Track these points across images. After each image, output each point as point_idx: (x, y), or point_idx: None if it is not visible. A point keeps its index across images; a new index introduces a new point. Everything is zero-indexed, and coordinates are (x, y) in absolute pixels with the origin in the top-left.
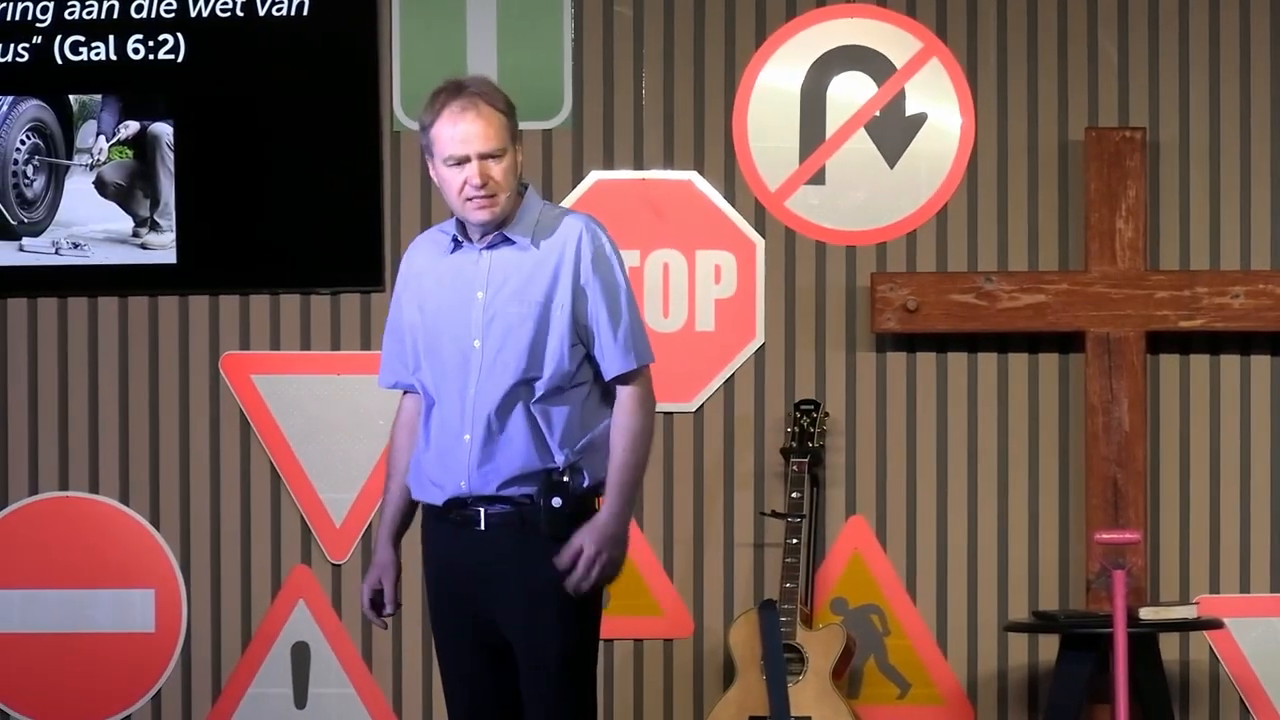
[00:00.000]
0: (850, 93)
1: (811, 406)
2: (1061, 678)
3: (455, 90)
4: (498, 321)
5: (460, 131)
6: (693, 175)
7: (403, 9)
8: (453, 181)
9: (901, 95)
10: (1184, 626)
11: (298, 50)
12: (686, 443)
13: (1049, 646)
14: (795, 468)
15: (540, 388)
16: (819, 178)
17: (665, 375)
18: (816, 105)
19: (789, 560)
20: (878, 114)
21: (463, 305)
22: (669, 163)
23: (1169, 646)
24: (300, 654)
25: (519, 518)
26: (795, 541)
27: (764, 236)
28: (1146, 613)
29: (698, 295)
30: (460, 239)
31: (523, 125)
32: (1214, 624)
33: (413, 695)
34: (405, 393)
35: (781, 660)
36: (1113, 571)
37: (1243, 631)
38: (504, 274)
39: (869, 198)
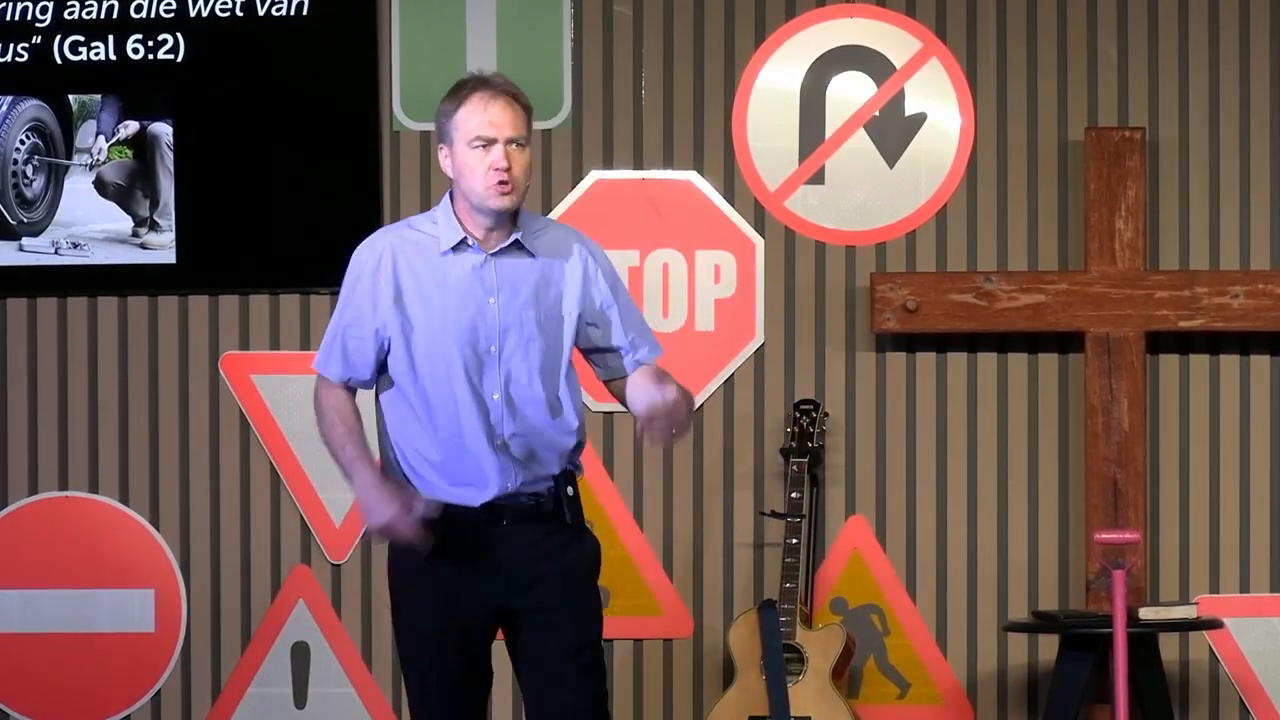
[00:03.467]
0: (850, 92)
1: (811, 406)
2: (1061, 677)
3: (482, 82)
4: (515, 329)
5: (491, 116)
6: (692, 175)
7: (402, 9)
8: (475, 165)
9: (901, 95)
10: (1183, 626)
11: (297, 50)
12: (686, 443)
13: (1049, 646)
14: (795, 468)
15: (559, 391)
16: (818, 177)
17: None
18: (816, 105)
19: (788, 560)
20: (877, 114)
21: (475, 310)
22: (668, 162)
23: (1168, 646)
24: (300, 654)
25: (539, 510)
26: (795, 541)
27: (763, 236)
28: (1146, 613)
29: (697, 295)
30: (471, 241)
31: None
32: (1213, 624)
33: None
34: (334, 386)
35: (781, 660)
36: (1112, 571)
37: (1242, 631)
38: (513, 280)
39: (868, 197)
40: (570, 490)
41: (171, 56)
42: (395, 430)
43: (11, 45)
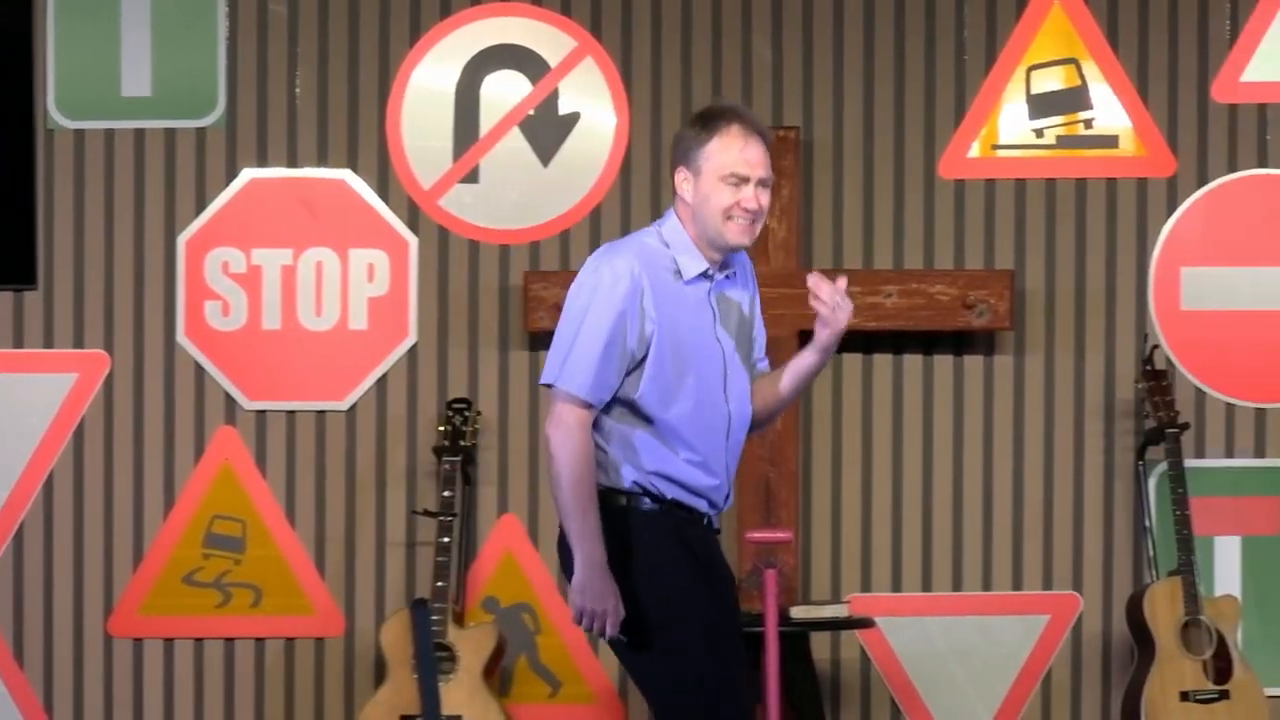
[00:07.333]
0: (504, 91)
1: (464, 405)
2: None
3: (739, 115)
4: (736, 352)
5: (750, 155)
6: (346, 174)
7: (58, 6)
8: (722, 199)
9: (555, 94)
10: (835, 625)
11: None
12: (339, 441)
13: None
14: (447, 466)
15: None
16: (472, 176)
17: (318, 374)
18: (470, 104)
19: (440, 559)
20: (531, 113)
21: (712, 334)
22: (323, 161)
23: (820, 645)
24: None
25: (711, 521)
26: (447, 540)
27: (417, 235)
28: (798, 611)
29: (351, 294)
30: (710, 271)
31: (175, 124)
32: (865, 623)
33: (64, 693)
34: (583, 408)
35: (432, 659)
36: (764, 570)
37: (894, 630)
38: (729, 307)
39: (522, 196)
40: None
41: None
42: (628, 452)
43: None
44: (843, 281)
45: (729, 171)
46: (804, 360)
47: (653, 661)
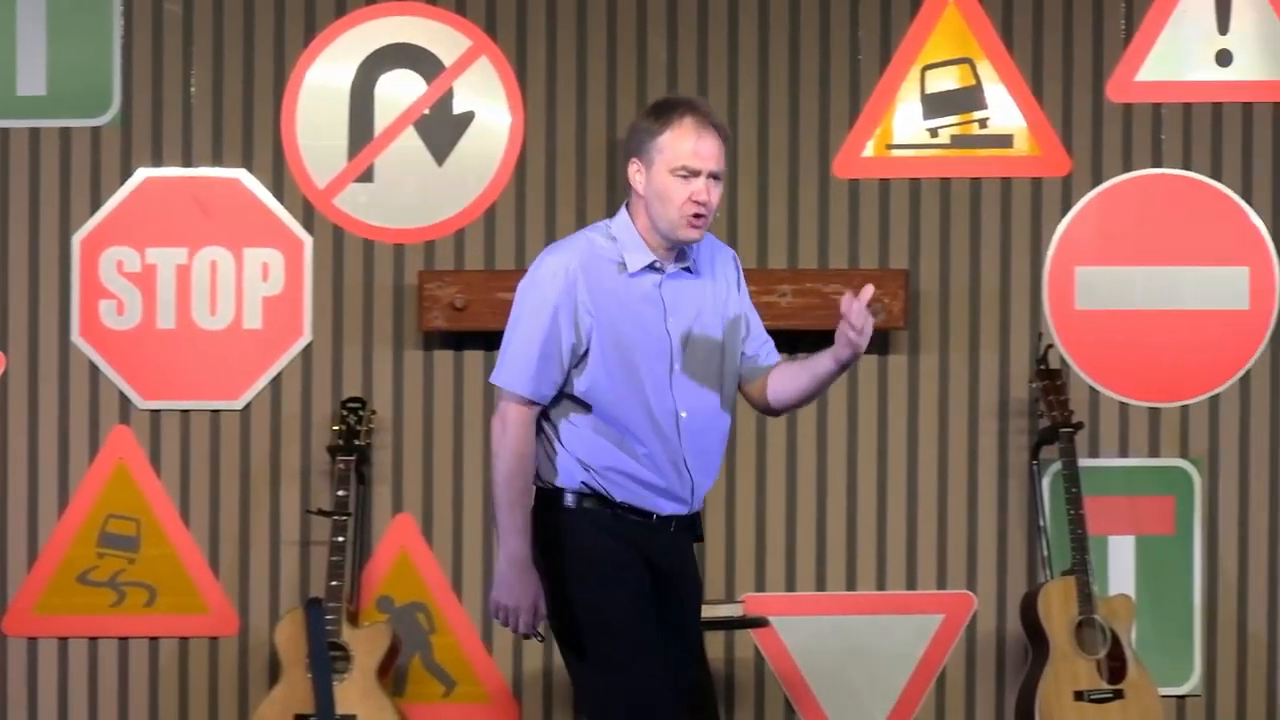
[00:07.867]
0: (399, 91)
1: (358, 404)
2: None
3: (692, 107)
4: (692, 347)
5: (702, 147)
6: (241, 173)
7: None
8: (677, 193)
9: (450, 93)
10: (729, 625)
11: None
12: (233, 440)
13: None
14: (342, 465)
15: (728, 404)
16: (367, 175)
17: (213, 373)
18: (365, 103)
19: (335, 558)
20: (426, 112)
21: (659, 330)
22: (218, 160)
23: (715, 645)
24: None
25: (693, 523)
26: (341, 539)
27: (312, 234)
28: None
29: (245, 293)
30: (658, 264)
31: (70, 123)
32: (759, 622)
33: None
34: (524, 405)
35: (326, 658)
36: None
37: (788, 630)
38: (684, 300)
39: (417, 196)
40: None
41: None
42: (579, 449)
43: None
44: (868, 291)
45: (680, 164)
46: (823, 366)
47: (585, 664)
